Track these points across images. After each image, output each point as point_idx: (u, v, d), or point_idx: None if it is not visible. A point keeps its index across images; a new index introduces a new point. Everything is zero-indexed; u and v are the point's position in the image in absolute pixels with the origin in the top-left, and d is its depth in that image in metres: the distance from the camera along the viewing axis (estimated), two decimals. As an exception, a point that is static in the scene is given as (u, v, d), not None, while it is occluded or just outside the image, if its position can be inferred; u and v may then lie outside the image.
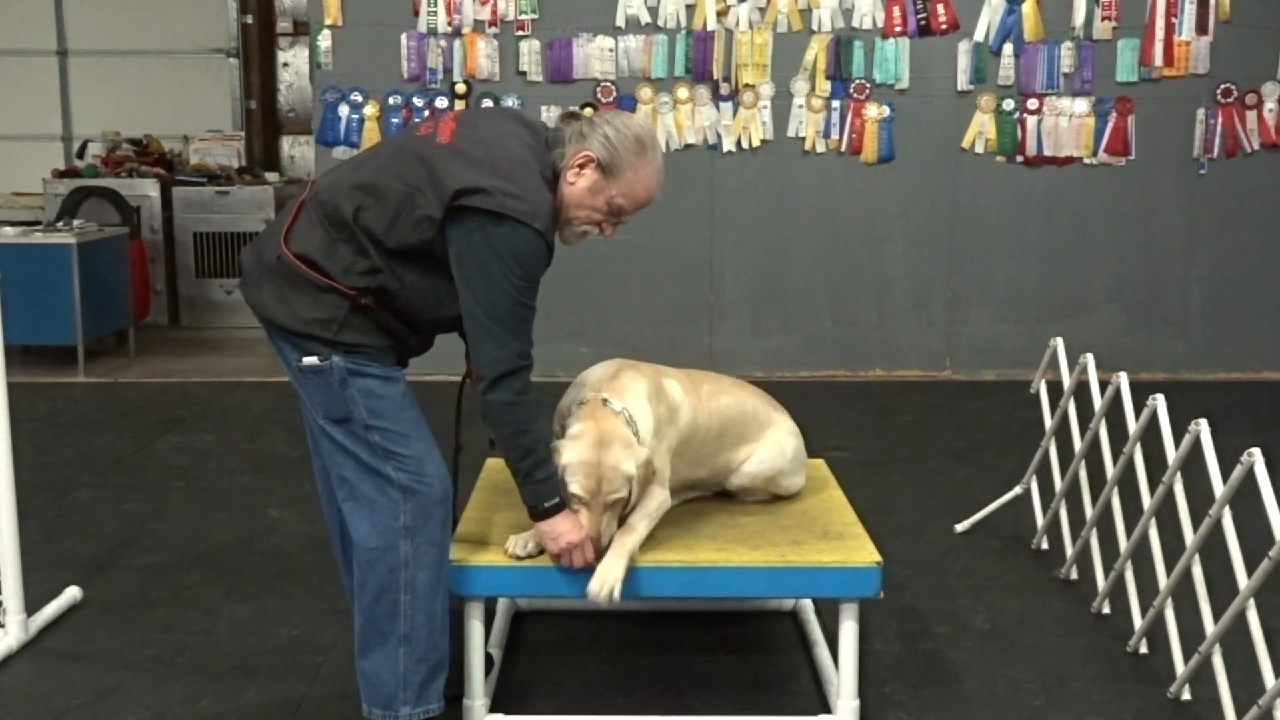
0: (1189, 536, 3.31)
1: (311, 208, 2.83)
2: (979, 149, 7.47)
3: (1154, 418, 3.51)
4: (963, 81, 7.39)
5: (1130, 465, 3.69)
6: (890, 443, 6.07)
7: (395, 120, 7.38)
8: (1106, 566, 3.95)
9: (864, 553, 3.04)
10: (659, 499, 3.04)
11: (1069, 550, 4.21)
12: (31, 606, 3.74)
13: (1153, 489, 3.54)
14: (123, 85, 11.00)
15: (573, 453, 2.91)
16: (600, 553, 2.89)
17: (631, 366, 3.19)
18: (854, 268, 7.62)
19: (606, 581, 2.86)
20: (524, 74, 7.35)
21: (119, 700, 3.34)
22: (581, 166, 2.84)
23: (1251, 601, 3.00)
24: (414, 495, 2.82)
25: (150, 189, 9.34)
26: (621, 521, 2.99)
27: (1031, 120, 7.42)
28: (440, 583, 2.89)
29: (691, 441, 3.20)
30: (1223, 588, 3.27)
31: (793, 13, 7.33)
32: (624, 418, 2.99)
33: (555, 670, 3.51)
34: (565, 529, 2.84)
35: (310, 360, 2.79)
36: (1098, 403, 3.91)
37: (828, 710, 3.17)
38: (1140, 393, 3.66)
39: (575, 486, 2.88)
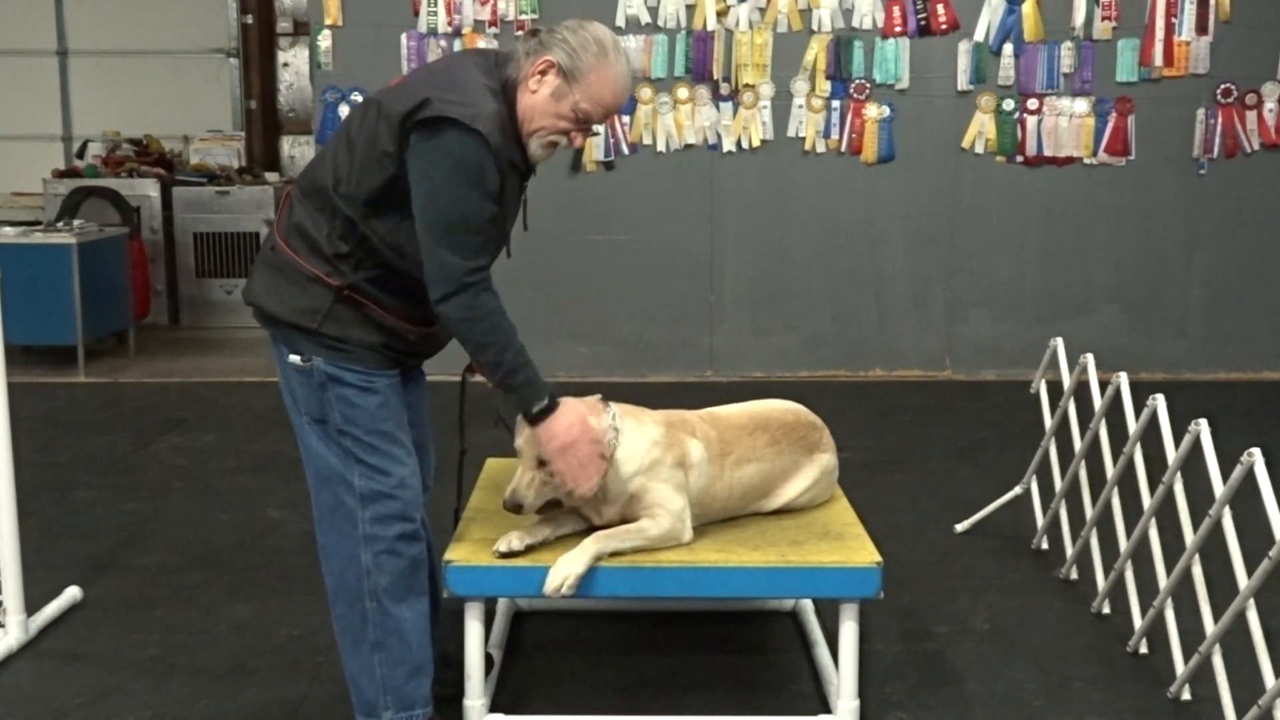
0: (1189, 536, 3.31)
1: (294, 193, 2.88)
2: (979, 149, 7.47)
3: (1154, 418, 3.51)
4: (963, 81, 7.38)
5: (1130, 465, 3.69)
6: (890, 443, 6.07)
7: (395, 120, 7.38)
8: (1106, 566, 3.95)
9: (864, 553, 3.04)
10: (664, 527, 3.00)
11: (1069, 550, 4.21)
12: (31, 606, 3.74)
13: (1153, 489, 3.54)
14: (123, 85, 11.00)
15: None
16: (514, 509, 2.93)
17: (662, 413, 3.15)
18: (854, 268, 7.62)
19: (562, 574, 2.87)
20: (524, 74, 7.34)
21: (119, 700, 3.34)
22: (542, 73, 2.75)
23: (1251, 601, 3.00)
24: (372, 504, 2.84)
25: (150, 189, 9.33)
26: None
27: (1031, 120, 7.42)
28: (409, 590, 2.90)
29: (709, 505, 3.17)
30: (1223, 588, 3.27)
31: (793, 13, 7.33)
32: (610, 421, 2.98)
33: (555, 670, 3.51)
34: (559, 430, 2.81)
35: (294, 359, 2.83)
36: (1098, 403, 3.91)
37: (828, 710, 3.17)
38: (1140, 393, 3.66)
39: (518, 437, 2.94)
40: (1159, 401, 3.49)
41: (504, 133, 2.72)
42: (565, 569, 2.88)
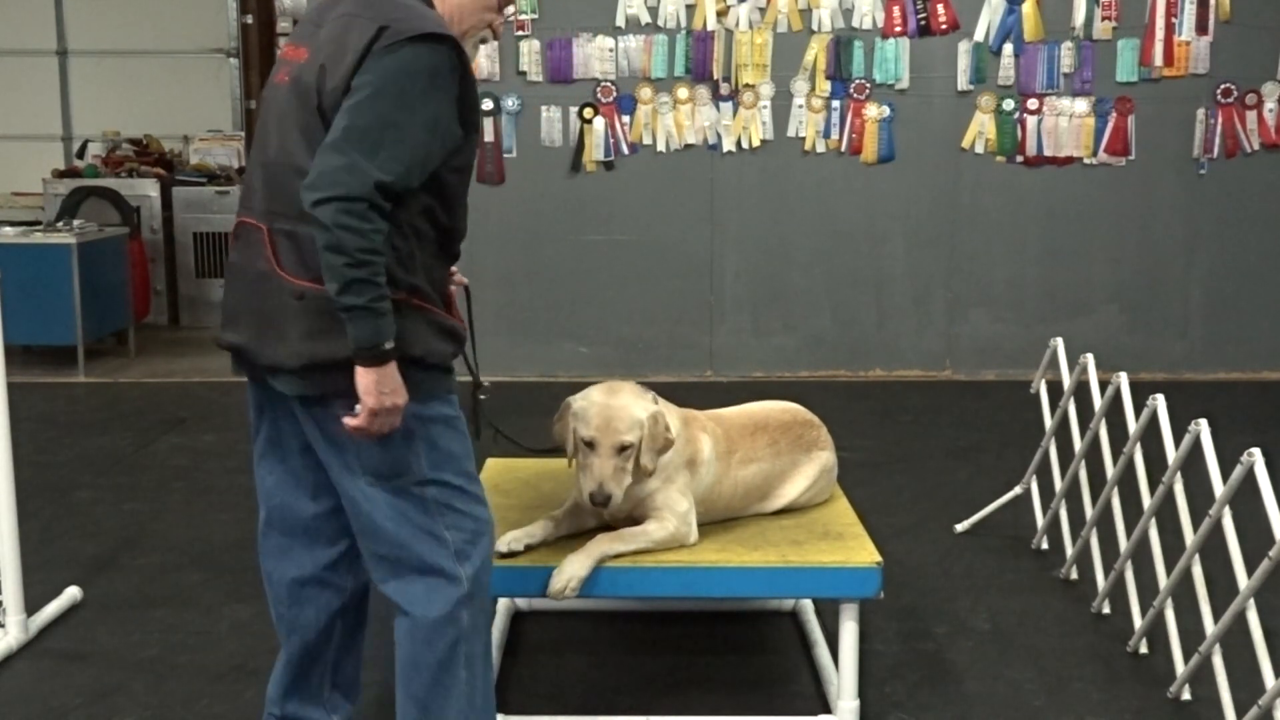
0: (1189, 536, 3.32)
1: (283, 226, 2.45)
2: (979, 149, 7.46)
3: (1154, 418, 3.51)
4: (963, 81, 7.38)
5: (1130, 465, 3.69)
6: (890, 443, 6.07)
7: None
8: (1106, 566, 3.95)
9: (864, 553, 3.04)
10: (669, 530, 3.01)
11: (1069, 550, 4.21)
12: (31, 606, 3.74)
13: (1153, 489, 3.55)
14: (123, 85, 11.00)
15: (583, 398, 2.94)
16: (605, 501, 2.88)
17: (676, 408, 3.17)
18: (854, 268, 7.62)
19: (565, 576, 2.88)
20: (524, 74, 7.35)
21: (119, 700, 3.34)
22: None
23: (1251, 601, 3.00)
24: (468, 559, 2.54)
25: (150, 189, 9.34)
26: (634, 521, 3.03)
27: (1031, 120, 7.42)
28: (490, 644, 2.66)
29: (714, 503, 3.18)
30: (1223, 588, 3.28)
31: (793, 13, 7.33)
32: (650, 398, 3.01)
33: (555, 670, 3.51)
34: (398, 384, 2.39)
35: None
36: (1098, 403, 3.91)
37: (828, 710, 3.17)
38: (1140, 393, 3.66)
39: (584, 428, 2.88)
40: (1159, 401, 3.49)
41: None
42: (569, 572, 2.88)
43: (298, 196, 2.36)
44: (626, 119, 7.42)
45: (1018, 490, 4.56)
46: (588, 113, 7.39)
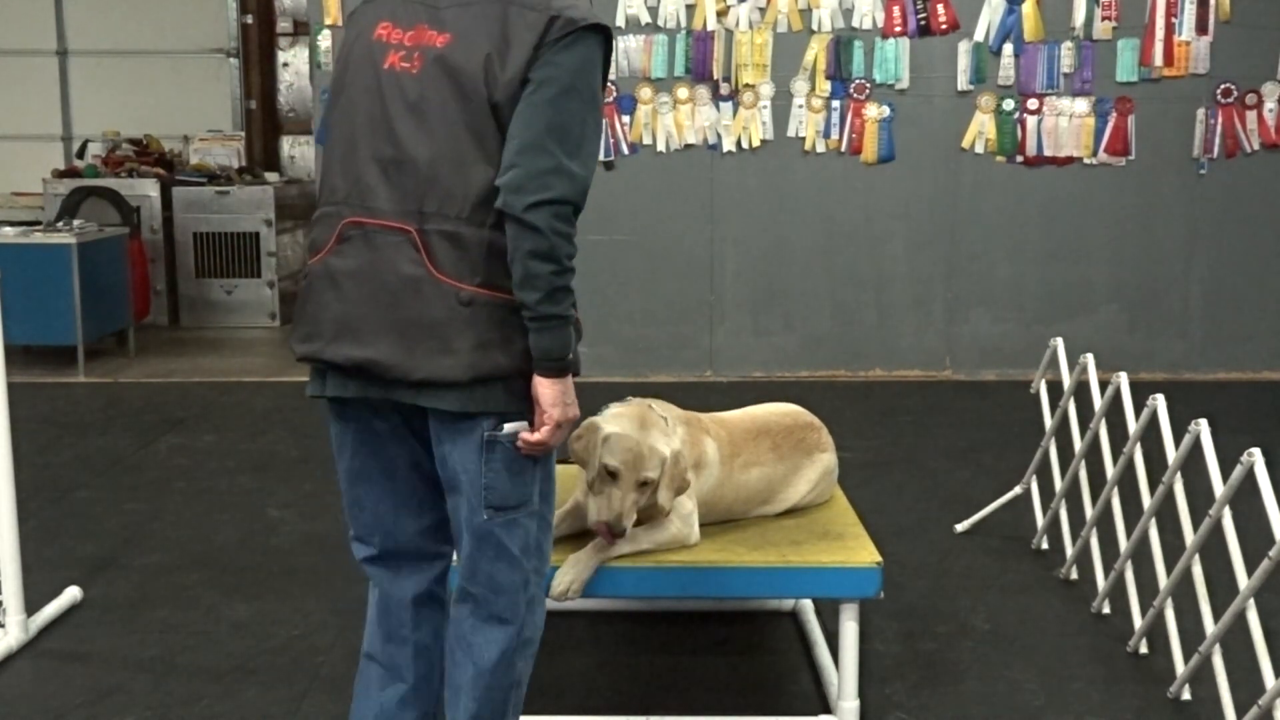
0: (1189, 536, 3.32)
1: (442, 227, 2.24)
2: (979, 149, 7.46)
3: (1154, 418, 3.51)
4: (963, 81, 7.38)
5: (1130, 465, 3.69)
6: (890, 443, 6.07)
7: (395, 120, 7.37)
8: (1106, 566, 3.95)
9: (864, 553, 3.04)
10: (671, 531, 3.02)
11: (1069, 550, 4.21)
12: (31, 606, 3.74)
13: (1153, 489, 3.55)
14: (123, 85, 11.01)
15: (613, 423, 2.90)
16: (620, 533, 2.87)
17: (680, 411, 3.16)
18: (854, 268, 7.62)
19: (569, 578, 2.88)
20: (524, 74, 7.34)
21: (119, 700, 3.34)
22: None
23: (1251, 601, 3.00)
24: (533, 609, 2.44)
25: (150, 189, 9.33)
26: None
27: (1031, 120, 7.42)
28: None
29: (715, 506, 3.19)
30: (1223, 588, 3.28)
31: (793, 13, 7.33)
32: (664, 421, 3.00)
33: (556, 670, 3.50)
34: (574, 396, 2.34)
35: (516, 427, 2.29)
36: (1098, 403, 3.91)
37: (828, 710, 3.17)
38: (1140, 393, 3.66)
39: (612, 458, 2.84)
40: (1159, 401, 3.49)
41: None
42: (572, 573, 2.88)
43: (462, 195, 2.22)
44: (626, 119, 7.42)
45: (1018, 490, 4.56)
46: None
